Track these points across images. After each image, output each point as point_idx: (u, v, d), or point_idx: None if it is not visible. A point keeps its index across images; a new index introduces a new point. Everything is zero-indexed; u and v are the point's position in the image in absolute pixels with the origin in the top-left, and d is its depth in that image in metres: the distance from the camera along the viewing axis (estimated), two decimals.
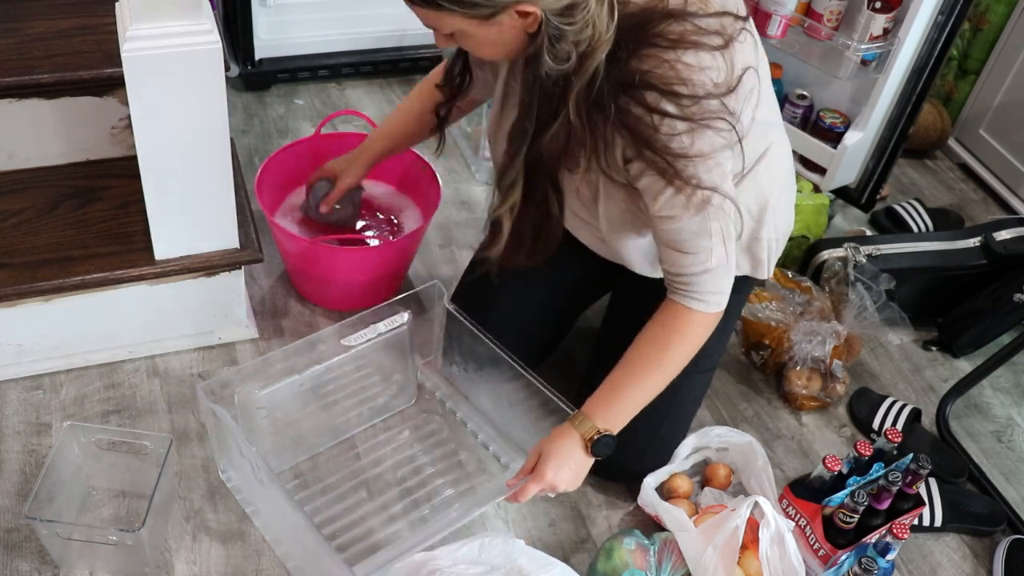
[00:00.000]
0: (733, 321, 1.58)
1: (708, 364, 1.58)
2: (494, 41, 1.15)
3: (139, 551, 1.37)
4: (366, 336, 1.51)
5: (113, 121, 1.78)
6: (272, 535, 1.49)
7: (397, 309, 1.56)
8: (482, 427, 1.69)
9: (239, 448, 1.40)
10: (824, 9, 1.98)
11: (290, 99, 2.47)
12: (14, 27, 1.75)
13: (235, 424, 1.38)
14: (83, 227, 1.68)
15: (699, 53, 1.13)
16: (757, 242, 1.44)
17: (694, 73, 1.13)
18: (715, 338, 1.43)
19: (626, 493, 1.63)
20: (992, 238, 1.99)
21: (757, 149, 1.35)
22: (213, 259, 1.66)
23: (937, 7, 1.90)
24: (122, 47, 1.37)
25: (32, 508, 1.33)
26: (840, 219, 2.29)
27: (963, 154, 2.56)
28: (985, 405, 1.91)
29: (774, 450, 1.75)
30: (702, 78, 1.13)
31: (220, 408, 1.38)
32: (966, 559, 1.63)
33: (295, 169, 1.97)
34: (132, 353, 1.74)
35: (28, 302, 1.60)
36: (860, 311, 1.81)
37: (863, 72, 2.00)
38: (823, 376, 1.81)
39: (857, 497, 1.41)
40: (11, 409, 1.64)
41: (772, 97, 1.40)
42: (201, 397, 1.40)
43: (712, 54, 1.14)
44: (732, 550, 1.39)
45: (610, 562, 1.44)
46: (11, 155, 1.76)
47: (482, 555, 1.36)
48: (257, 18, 2.35)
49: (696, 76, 1.13)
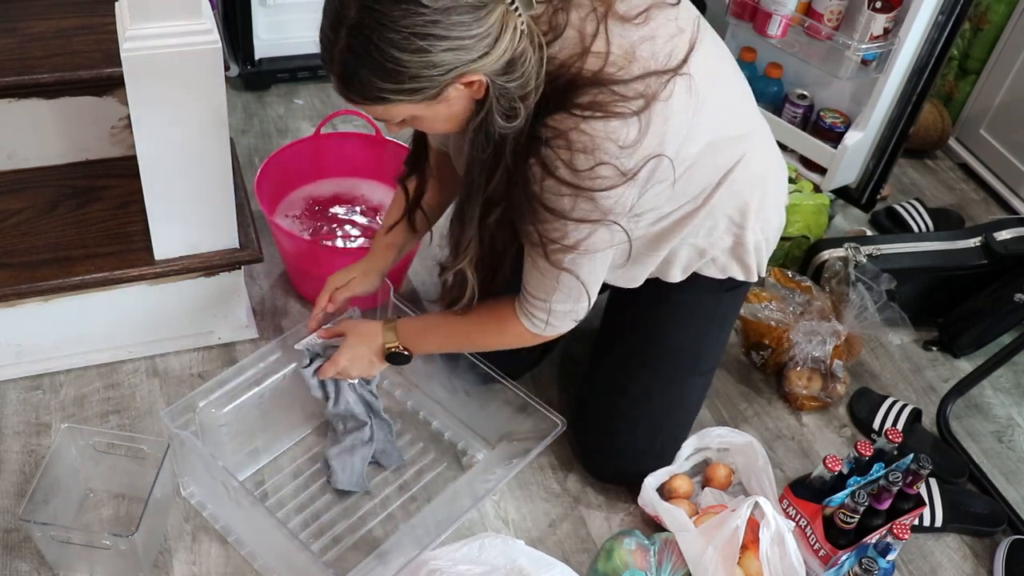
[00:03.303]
0: (731, 322, 1.57)
1: (707, 366, 1.58)
2: (446, 117, 1.14)
3: (133, 555, 1.37)
4: (316, 338, 1.51)
5: (113, 121, 1.78)
6: (248, 550, 1.47)
7: (346, 307, 1.58)
8: (435, 415, 1.70)
9: (210, 471, 1.40)
10: (824, 9, 1.98)
11: (290, 99, 2.47)
12: (14, 27, 1.75)
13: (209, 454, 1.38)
14: (83, 227, 1.68)
15: (609, 121, 1.12)
16: (742, 247, 1.41)
17: (597, 141, 1.12)
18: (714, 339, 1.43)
19: (626, 493, 1.62)
20: (992, 238, 1.99)
21: (726, 163, 1.32)
22: (213, 259, 1.66)
23: (937, 7, 1.90)
24: (122, 47, 1.37)
25: (27, 510, 1.33)
26: (840, 219, 2.29)
27: (963, 154, 2.55)
28: (985, 405, 1.91)
29: (774, 450, 1.75)
30: (606, 145, 1.12)
31: (187, 434, 1.38)
32: (966, 559, 1.63)
33: (295, 169, 1.97)
34: (132, 353, 1.74)
35: (28, 302, 1.60)
36: (860, 311, 1.81)
37: (863, 72, 2.00)
38: (823, 376, 1.81)
39: (857, 497, 1.41)
40: (11, 409, 1.63)
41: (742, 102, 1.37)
42: (167, 424, 1.39)
43: (624, 121, 1.12)
44: (732, 550, 1.38)
45: (610, 562, 1.44)
46: (11, 155, 1.76)
47: (482, 555, 1.36)
48: (257, 18, 2.35)
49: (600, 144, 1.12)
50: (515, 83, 1.08)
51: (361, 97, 1.08)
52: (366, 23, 1.01)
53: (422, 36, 1.01)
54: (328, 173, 2.03)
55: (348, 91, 1.09)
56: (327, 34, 1.07)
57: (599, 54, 1.12)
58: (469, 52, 1.03)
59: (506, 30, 1.04)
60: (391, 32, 1.00)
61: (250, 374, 1.51)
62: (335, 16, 1.05)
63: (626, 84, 1.12)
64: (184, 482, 1.54)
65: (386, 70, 1.03)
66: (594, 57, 1.12)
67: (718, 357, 1.60)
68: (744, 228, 1.38)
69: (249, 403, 1.50)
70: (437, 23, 1.00)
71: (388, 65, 1.03)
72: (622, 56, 1.13)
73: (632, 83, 1.12)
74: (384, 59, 1.02)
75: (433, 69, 1.03)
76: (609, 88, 1.11)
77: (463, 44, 1.02)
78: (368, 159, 2.03)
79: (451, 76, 1.05)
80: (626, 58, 1.13)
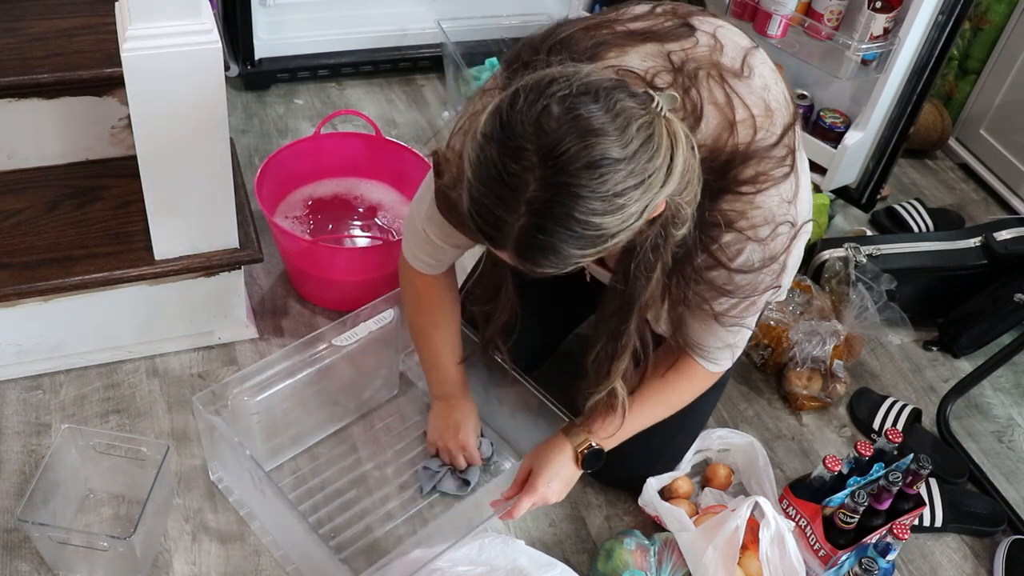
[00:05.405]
0: None
1: (722, 380, 1.57)
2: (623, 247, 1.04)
3: (132, 556, 1.37)
4: (356, 335, 1.52)
5: (113, 121, 1.78)
6: (270, 539, 1.49)
7: (382, 308, 1.58)
8: None
9: (238, 459, 1.40)
10: (824, 9, 1.98)
11: (290, 99, 2.46)
12: (14, 27, 1.75)
13: (237, 440, 1.38)
14: (83, 227, 1.68)
15: (779, 186, 1.10)
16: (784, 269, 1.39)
17: (772, 207, 1.10)
18: None
19: (626, 494, 1.62)
20: (992, 238, 1.99)
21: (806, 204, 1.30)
22: (213, 259, 1.66)
23: (938, 7, 1.90)
24: (122, 47, 1.37)
25: (26, 510, 1.33)
26: (840, 219, 2.29)
27: (963, 154, 2.55)
28: (985, 405, 1.91)
29: (774, 450, 1.75)
30: (779, 208, 1.11)
31: (219, 420, 1.39)
32: (966, 559, 1.63)
33: (295, 169, 1.97)
34: (132, 353, 1.74)
35: (27, 302, 1.60)
36: (861, 311, 1.81)
37: (863, 72, 1.99)
38: (823, 376, 1.81)
39: (857, 497, 1.41)
40: (11, 409, 1.63)
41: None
42: (199, 410, 1.40)
43: (786, 178, 1.11)
44: (732, 550, 1.38)
45: (610, 562, 1.44)
46: (11, 155, 1.76)
47: (482, 555, 1.36)
48: (257, 18, 2.35)
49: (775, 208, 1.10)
50: (687, 190, 1.00)
51: (554, 268, 0.97)
52: (558, 199, 0.90)
53: (620, 193, 0.91)
54: (328, 173, 2.03)
55: (535, 266, 0.97)
56: (494, 211, 0.93)
57: (746, 122, 1.08)
58: (656, 185, 0.94)
59: (676, 143, 0.95)
60: (591, 202, 0.90)
61: (285, 365, 1.50)
62: (503, 190, 0.92)
63: (776, 145, 1.09)
64: (213, 466, 1.55)
65: (587, 238, 0.93)
66: (743, 127, 1.08)
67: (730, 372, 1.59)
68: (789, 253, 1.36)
69: (282, 394, 1.49)
70: (632, 172, 0.91)
71: (589, 233, 0.92)
72: (764, 117, 1.10)
73: (780, 142, 1.10)
74: (586, 229, 0.92)
75: (631, 219, 0.94)
76: (766, 156, 1.08)
77: (651, 181, 0.93)
78: (368, 159, 2.02)
79: (645, 216, 0.96)
80: (767, 117, 1.10)
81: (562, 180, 0.89)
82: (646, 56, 1.11)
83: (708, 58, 1.12)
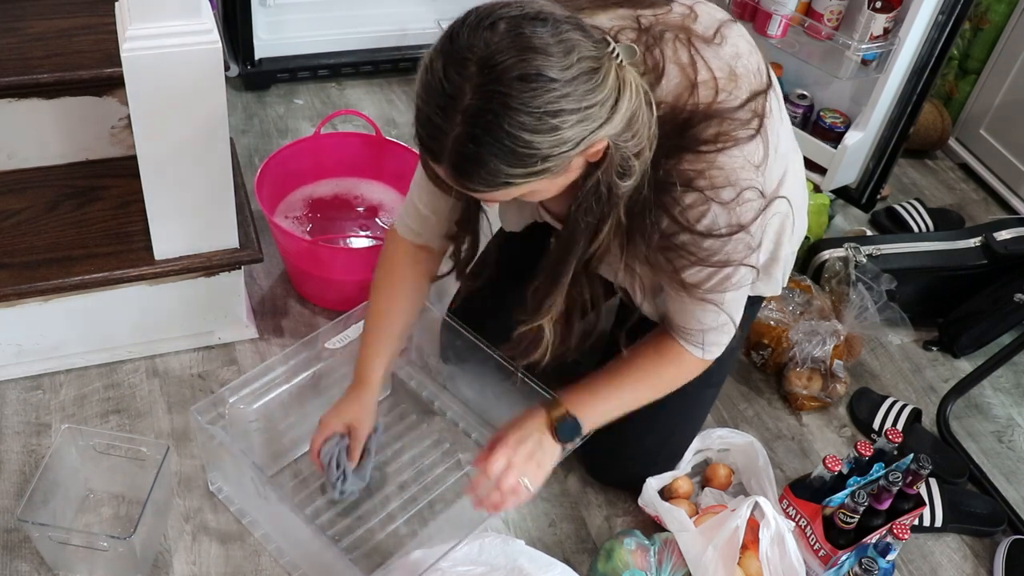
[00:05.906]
0: (744, 335, 1.56)
1: (719, 378, 1.57)
2: (560, 185, 1.06)
3: (132, 556, 1.37)
4: (349, 338, 1.51)
5: (113, 121, 1.78)
6: (274, 545, 1.48)
7: None
8: (462, 416, 1.69)
9: (239, 467, 1.40)
10: (824, 9, 1.98)
11: (290, 99, 2.46)
12: (14, 27, 1.75)
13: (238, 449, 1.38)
14: (83, 227, 1.68)
15: (742, 146, 1.09)
16: (776, 263, 1.39)
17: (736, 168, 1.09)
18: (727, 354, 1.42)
19: (626, 493, 1.62)
20: (992, 238, 1.99)
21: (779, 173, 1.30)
22: (213, 259, 1.66)
23: (937, 7, 1.90)
24: (122, 47, 1.37)
25: (25, 511, 1.33)
26: (840, 219, 2.29)
27: (963, 154, 2.55)
28: (985, 405, 1.91)
29: (774, 450, 1.75)
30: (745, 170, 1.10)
31: (219, 430, 1.38)
32: (966, 559, 1.63)
33: (295, 169, 1.97)
34: (132, 353, 1.74)
35: (27, 302, 1.60)
36: (861, 311, 1.81)
37: (863, 72, 2.00)
38: (823, 376, 1.81)
39: (857, 497, 1.41)
40: (11, 409, 1.63)
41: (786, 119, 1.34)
42: (198, 421, 1.39)
43: (752, 141, 1.11)
44: (732, 550, 1.38)
45: (610, 562, 1.44)
46: (11, 155, 1.76)
47: (482, 555, 1.36)
48: (257, 18, 2.35)
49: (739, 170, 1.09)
50: (632, 140, 1.01)
51: (484, 186, 0.99)
52: (490, 107, 0.92)
53: (554, 113, 0.92)
54: (328, 173, 2.03)
55: (467, 181, 0.99)
56: (432, 120, 0.96)
57: (707, 83, 1.08)
58: (595, 120, 0.96)
59: (624, 88, 0.98)
60: (522, 115, 0.92)
61: (280, 371, 1.50)
62: (442, 99, 0.94)
63: (740, 108, 1.09)
64: (212, 477, 1.54)
65: (516, 155, 0.94)
66: (704, 88, 1.08)
67: (728, 371, 1.59)
68: (781, 243, 1.36)
69: (279, 399, 1.49)
70: (567, 96, 0.92)
71: (519, 150, 0.94)
72: (727, 79, 1.10)
73: (745, 105, 1.10)
74: (515, 144, 0.93)
75: (564, 145, 0.95)
76: (728, 117, 1.08)
77: (590, 113, 0.95)
78: (368, 159, 2.03)
79: (580, 148, 0.97)
80: (731, 81, 1.10)
81: (495, 88, 0.92)
82: (615, 17, 1.13)
83: (679, 23, 1.13)
